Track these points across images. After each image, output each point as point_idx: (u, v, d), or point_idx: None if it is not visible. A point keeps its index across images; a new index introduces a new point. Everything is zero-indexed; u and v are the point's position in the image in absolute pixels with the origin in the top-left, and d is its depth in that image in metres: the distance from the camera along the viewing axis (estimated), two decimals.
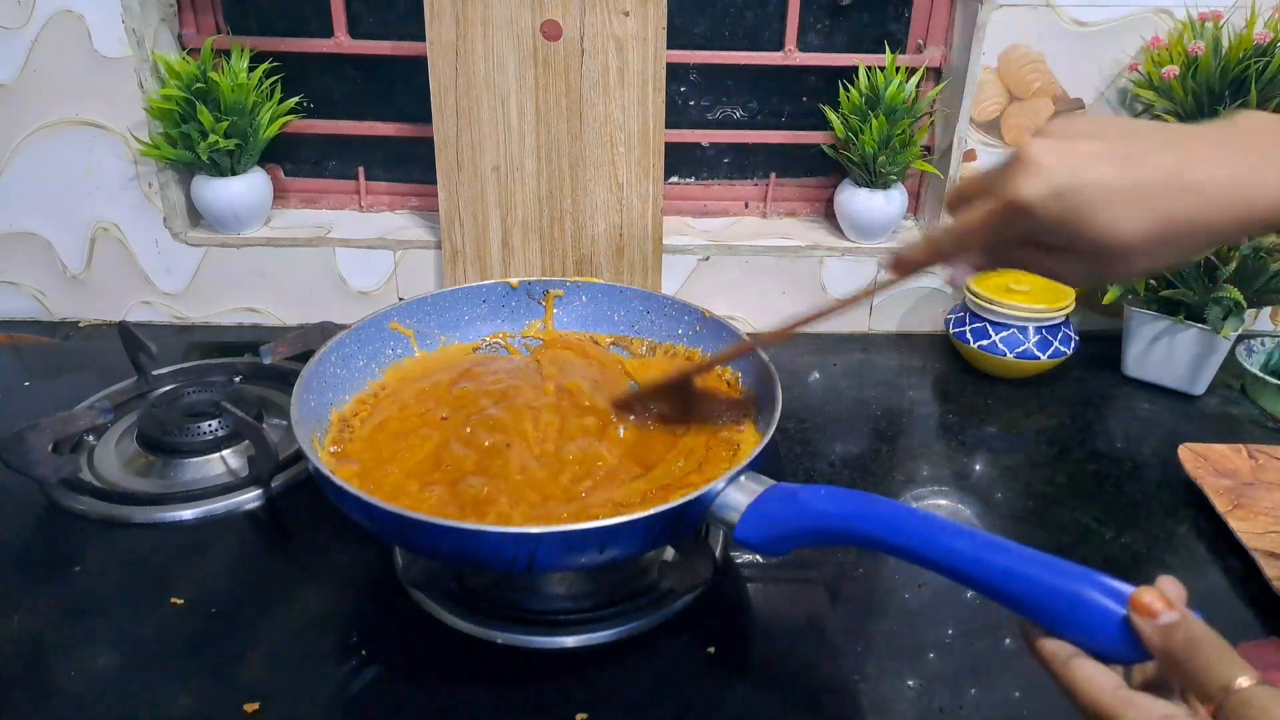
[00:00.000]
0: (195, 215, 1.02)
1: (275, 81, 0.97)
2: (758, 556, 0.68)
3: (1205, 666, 0.35)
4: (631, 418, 0.70)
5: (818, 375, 0.97)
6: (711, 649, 0.60)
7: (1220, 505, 0.73)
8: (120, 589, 0.64)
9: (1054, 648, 0.40)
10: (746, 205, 1.09)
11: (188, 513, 0.71)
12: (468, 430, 0.66)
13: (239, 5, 0.97)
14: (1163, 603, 0.37)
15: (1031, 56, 0.95)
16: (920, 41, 1.01)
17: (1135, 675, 0.40)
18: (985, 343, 0.93)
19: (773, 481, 0.55)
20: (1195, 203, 0.41)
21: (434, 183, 0.94)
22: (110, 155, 0.95)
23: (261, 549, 0.69)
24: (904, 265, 0.52)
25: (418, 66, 0.93)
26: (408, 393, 0.72)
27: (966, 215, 0.46)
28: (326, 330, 0.86)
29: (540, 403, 0.70)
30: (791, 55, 1.00)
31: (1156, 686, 0.39)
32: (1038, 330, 0.92)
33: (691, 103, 1.03)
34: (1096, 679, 0.38)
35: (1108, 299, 0.93)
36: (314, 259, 1.00)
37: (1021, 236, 0.44)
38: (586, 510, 0.60)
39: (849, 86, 0.98)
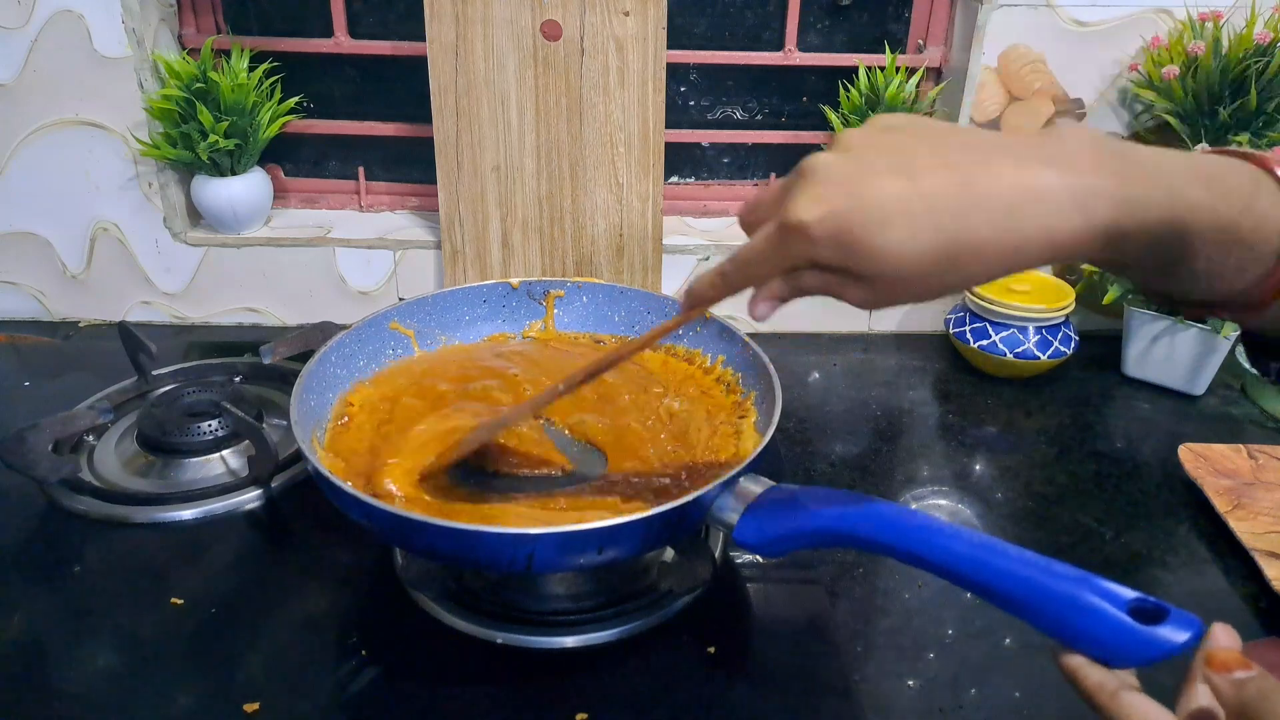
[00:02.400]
0: (195, 215, 1.02)
1: (275, 81, 0.97)
2: (757, 557, 0.68)
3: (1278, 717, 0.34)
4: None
5: (817, 375, 0.97)
6: (711, 649, 0.60)
7: (1220, 505, 0.73)
8: (120, 589, 0.64)
9: (1100, 678, 0.39)
10: None
11: (187, 513, 0.71)
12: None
13: (239, 5, 0.97)
14: (1238, 662, 0.36)
15: (1031, 56, 0.95)
16: (920, 41, 1.01)
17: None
18: (985, 343, 0.93)
19: (772, 483, 0.55)
20: (982, 220, 0.36)
21: (434, 183, 0.94)
22: (110, 155, 0.95)
23: (261, 549, 0.69)
24: (697, 300, 0.47)
25: (418, 66, 0.93)
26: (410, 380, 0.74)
27: (750, 242, 0.43)
28: (326, 330, 0.86)
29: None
30: (791, 55, 1.00)
31: None
32: (1038, 330, 0.92)
33: (691, 103, 1.03)
34: (1152, 715, 0.37)
35: (1108, 299, 0.93)
36: (314, 259, 1.00)
37: (802, 261, 0.40)
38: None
39: (849, 86, 0.98)
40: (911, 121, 0.40)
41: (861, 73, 0.97)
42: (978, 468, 0.82)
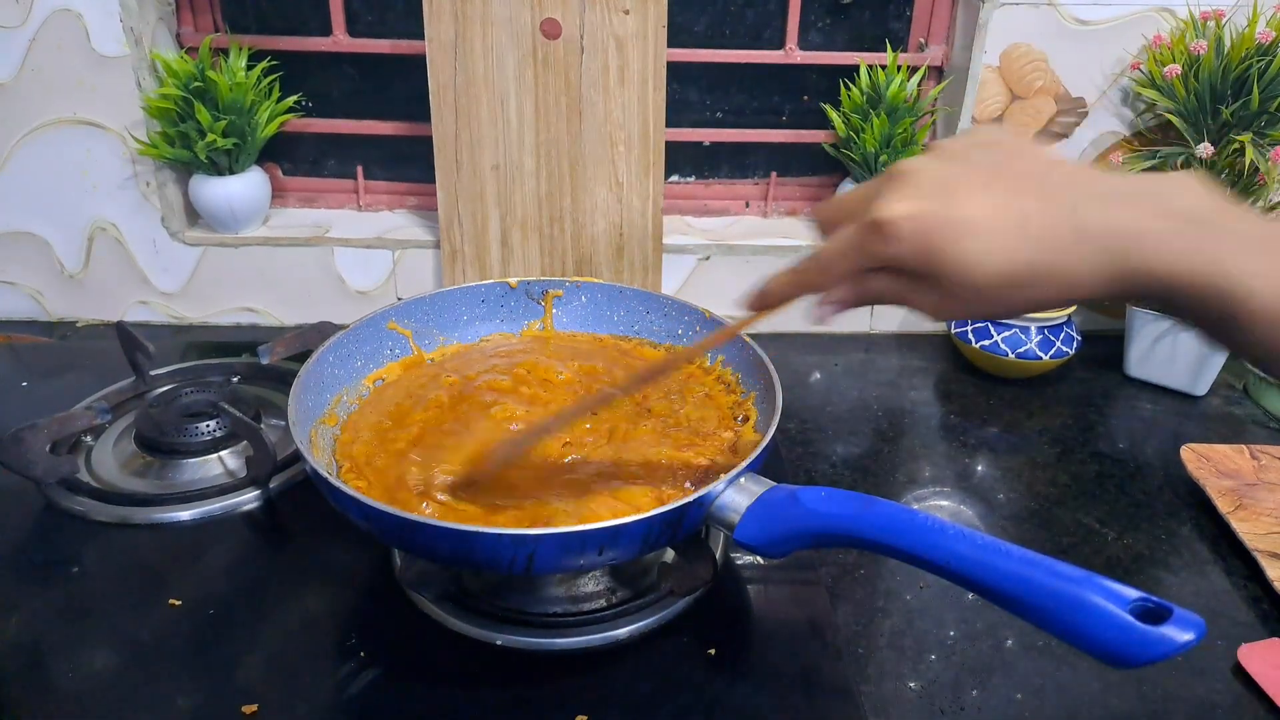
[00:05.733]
0: (193, 215, 1.01)
1: (273, 80, 0.97)
2: (758, 558, 0.68)
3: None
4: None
5: (819, 375, 0.97)
6: (712, 650, 0.60)
7: (1223, 506, 0.72)
8: (118, 590, 0.64)
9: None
10: (747, 204, 1.09)
11: (185, 514, 0.71)
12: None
13: (237, 4, 0.97)
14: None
15: (1033, 55, 0.94)
16: (922, 40, 1.01)
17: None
18: (987, 343, 0.93)
19: (773, 483, 0.55)
20: (1076, 254, 0.37)
21: (433, 182, 0.94)
22: (108, 154, 0.94)
23: (259, 550, 0.69)
24: (768, 300, 0.47)
25: (416, 65, 0.93)
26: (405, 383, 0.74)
27: (830, 240, 0.43)
28: (324, 330, 0.85)
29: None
30: (792, 54, 1.00)
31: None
32: (1040, 330, 0.92)
33: (692, 101, 1.03)
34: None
35: None
36: (312, 258, 1.00)
37: (882, 261, 0.40)
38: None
39: (850, 85, 0.98)
40: (1009, 140, 0.41)
41: (863, 71, 0.97)
42: (979, 468, 0.82)
